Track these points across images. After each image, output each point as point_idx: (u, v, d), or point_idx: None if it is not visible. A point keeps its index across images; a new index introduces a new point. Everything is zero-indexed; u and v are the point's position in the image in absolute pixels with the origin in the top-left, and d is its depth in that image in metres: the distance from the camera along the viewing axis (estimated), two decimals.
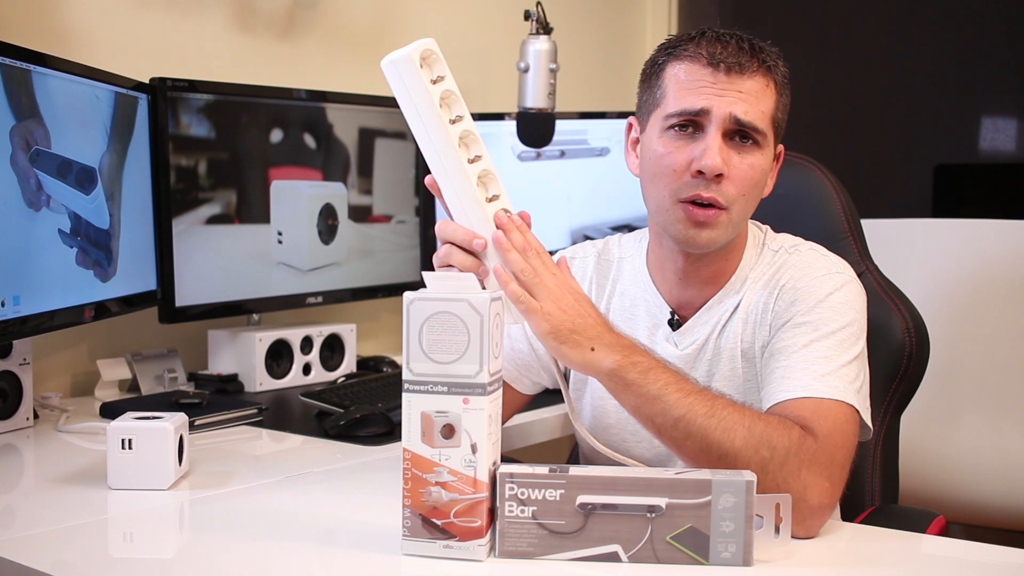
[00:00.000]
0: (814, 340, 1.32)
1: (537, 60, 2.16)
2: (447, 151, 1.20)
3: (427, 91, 1.19)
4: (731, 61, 1.33)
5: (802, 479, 1.19)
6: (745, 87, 1.33)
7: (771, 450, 1.19)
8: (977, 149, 3.20)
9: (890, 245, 2.23)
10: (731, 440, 1.19)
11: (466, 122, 1.21)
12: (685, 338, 1.45)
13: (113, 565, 1.17)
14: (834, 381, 1.29)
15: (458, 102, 1.21)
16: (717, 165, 1.31)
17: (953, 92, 3.20)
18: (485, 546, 1.08)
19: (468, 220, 1.23)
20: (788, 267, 1.41)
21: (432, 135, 1.20)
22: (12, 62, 1.56)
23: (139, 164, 1.93)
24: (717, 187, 1.33)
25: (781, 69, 1.39)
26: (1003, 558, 1.17)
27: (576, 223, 2.56)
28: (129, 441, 1.35)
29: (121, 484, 1.36)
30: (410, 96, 1.20)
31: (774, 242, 1.46)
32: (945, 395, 2.27)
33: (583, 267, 1.55)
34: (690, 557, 1.07)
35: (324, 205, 2.25)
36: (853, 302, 1.37)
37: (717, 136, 1.32)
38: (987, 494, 2.27)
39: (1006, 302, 2.26)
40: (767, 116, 1.35)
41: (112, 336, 2.08)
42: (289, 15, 2.40)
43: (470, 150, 1.22)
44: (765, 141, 1.35)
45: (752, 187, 1.35)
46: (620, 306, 1.51)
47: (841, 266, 1.41)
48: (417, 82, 1.19)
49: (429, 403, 1.08)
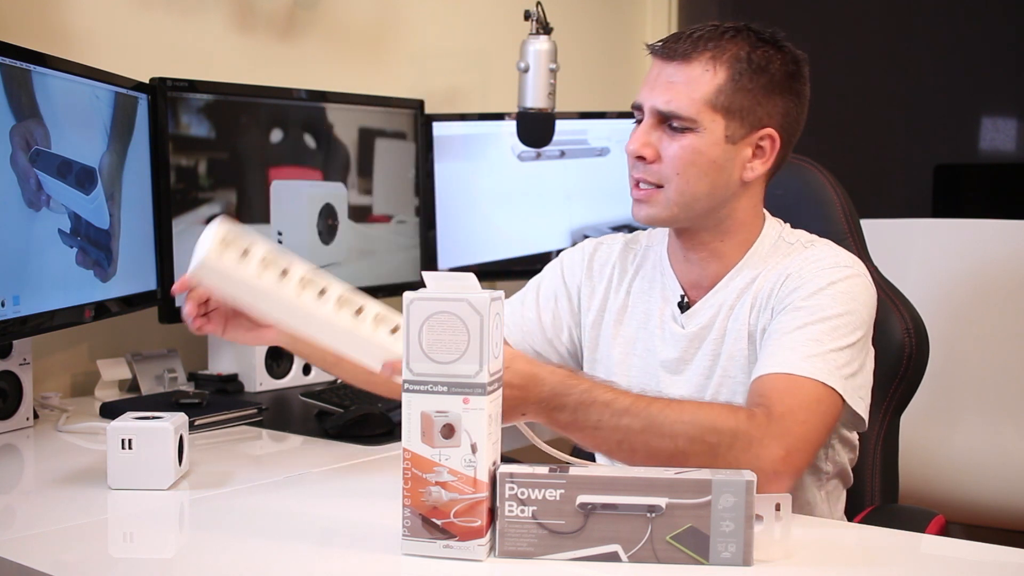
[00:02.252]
0: (808, 323, 1.35)
1: (537, 60, 2.16)
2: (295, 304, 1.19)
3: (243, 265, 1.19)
4: (672, 49, 1.42)
5: (753, 452, 1.23)
6: (678, 75, 1.41)
7: (718, 435, 1.24)
8: (977, 149, 3.20)
9: (890, 245, 2.23)
10: (674, 442, 1.24)
11: (295, 267, 1.21)
12: (691, 320, 1.49)
13: (113, 565, 1.17)
14: (818, 363, 1.32)
15: (277, 256, 1.21)
16: (633, 149, 1.44)
17: (953, 92, 3.20)
18: (485, 546, 1.08)
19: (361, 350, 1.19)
20: (799, 257, 1.44)
21: (277, 303, 1.20)
22: (12, 62, 1.56)
23: (139, 164, 1.93)
24: (647, 167, 1.43)
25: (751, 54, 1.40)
26: (1003, 558, 1.17)
27: (576, 223, 2.56)
28: (129, 441, 1.35)
29: (121, 484, 1.36)
30: (236, 284, 1.20)
31: (791, 235, 1.50)
32: (945, 395, 2.27)
33: (608, 251, 1.62)
34: (690, 557, 1.07)
35: (324, 205, 2.25)
36: (856, 294, 1.39)
37: (646, 124, 1.44)
38: (987, 494, 2.27)
39: (1006, 302, 2.26)
40: (699, 102, 1.40)
41: (112, 336, 2.08)
42: (289, 15, 2.40)
43: (316, 286, 1.21)
44: (698, 125, 1.40)
45: (686, 166, 1.41)
46: (640, 288, 1.57)
47: (851, 261, 1.43)
48: (232, 266, 1.19)
49: (429, 403, 1.08)
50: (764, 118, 1.42)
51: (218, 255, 1.19)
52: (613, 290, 1.58)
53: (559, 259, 1.65)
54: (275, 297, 1.20)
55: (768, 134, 1.44)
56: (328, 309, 1.19)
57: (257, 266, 1.19)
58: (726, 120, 1.41)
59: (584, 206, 2.55)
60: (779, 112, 1.43)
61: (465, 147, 2.53)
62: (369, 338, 1.18)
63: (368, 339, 1.18)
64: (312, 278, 1.21)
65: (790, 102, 1.44)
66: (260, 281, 1.19)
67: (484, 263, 2.53)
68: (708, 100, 1.40)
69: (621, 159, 1.51)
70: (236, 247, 1.19)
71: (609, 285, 1.58)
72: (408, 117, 2.44)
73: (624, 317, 1.56)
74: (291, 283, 1.19)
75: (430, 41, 2.71)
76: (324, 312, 1.19)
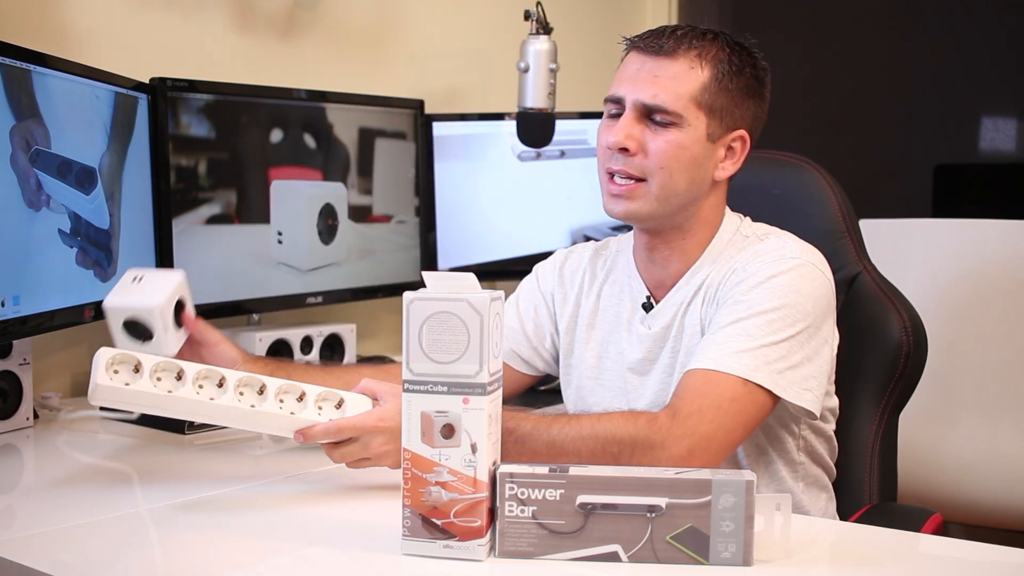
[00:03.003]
0: (743, 318, 1.37)
1: (537, 60, 2.16)
2: (200, 402, 1.28)
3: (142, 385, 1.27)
4: (655, 44, 1.43)
5: (653, 455, 1.28)
6: (662, 69, 1.42)
7: (618, 444, 1.28)
8: (977, 149, 3.20)
9: (890, 245, 2.23)
10: (578, 457, 1.28)
11: (188, 369, 1.29)
12: (656, 320, 1.51)
13: (113, 565, 1.17)
14: (746, 359, 1.33)
15: (169, 363, 1.29)
16: (618, 140, 1.42)
17: (953, 92, 3.20)
18: (485, 546, 1.09)
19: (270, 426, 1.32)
20: (749, 251, 1.46)
21: (179, 403, 1.28)
22: (12, 62, 1.56)
23: (139, 164, 1.93)
24: (628, 160, 1.43)
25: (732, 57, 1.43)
26: (1001, 557, 1.17)
27: (576, 223, 2.56)
28: (140, 277, 1.45)
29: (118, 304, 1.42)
30: (135, 398, 1.27)
31: (749, 228, 1.52)
32: (944, 395, 2.27)
33: (579, 259, 1.64)
34: (690, 557, 1.07)
35: (324, 205, 2.25)
36: (798, 286, 1.39)
37: (628, 116, 1.43)
38: (985, 493, 2.27)
39: (1006, 302, 2.26)
40: (685, 97, 1.41)
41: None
42: (289, 15, 2.40)
43: (213, 379, 1.30)
44: (683, 121, 1.41)
45: (671, 160, 1.42)
46: (610, 293, 1.58)
47: (798, 252, 1.43)
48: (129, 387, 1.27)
49: (429, 403, 1.09)
50: (739, 120, 1.46)
51: (109, 379, 1.26)
52: (584, 295, 1.60)
53: (534, 271, 1.68)
54: (175, 399, 1.28)
55: (740, 135, 1.47)
56: (228, 397, 1.29)
57: (149, 378, 1.27)
58: (708, 118, 1.43)
59: (584, 206, 2.55)
60: (750, 115, 1.47)
61: (465, 147, 2.53)
62: (275, 414, 1.29)
63: (274, 415, 1.30)
64: (207, 374, 1.30)
65: (759, 107, 1.48)
66: (156, 389, 1.27)
67: (484, 263, 2.54)
68: (694, 96, 1.42)
69: None
70: (126, 365, 1.28)
71: (580, 291, 1.60)
72: (408, 117, 2.44)
73: (595, 321, 1.58)
74: (187, 383, 1.28)
75: (430, 41, 2.71)
76: (224, 401, 1.28)
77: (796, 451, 1.50)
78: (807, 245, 1.46)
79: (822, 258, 1.45)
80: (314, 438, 1.30)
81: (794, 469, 1.51)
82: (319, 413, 1.31)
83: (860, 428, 1.66)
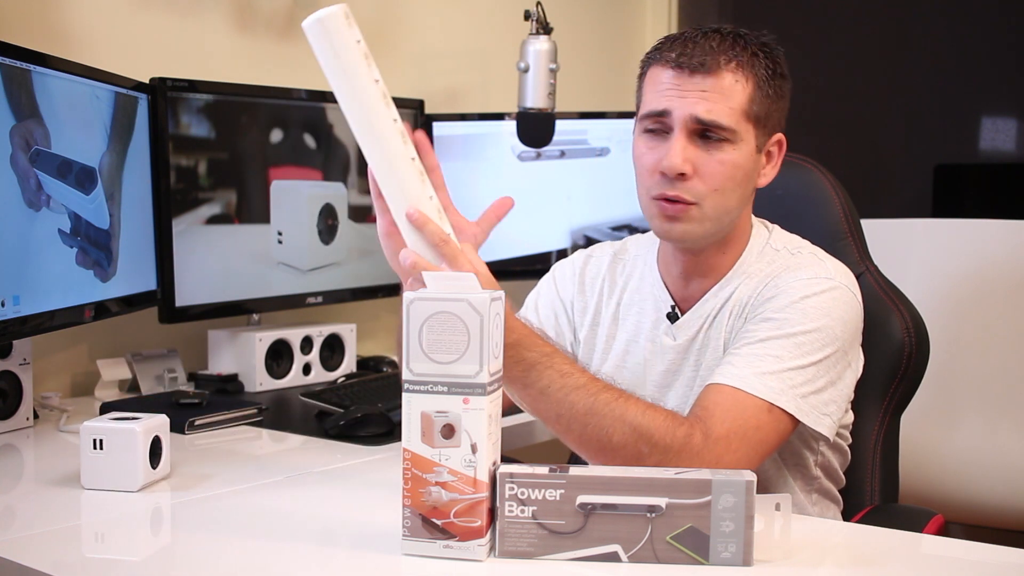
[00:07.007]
0: (772, 337, 1.33)
1: (537, 60, 2.16)
2: (376, 108, 1.20)
3: (356, 47, 1.19)
4: (695, 61, 1.36)
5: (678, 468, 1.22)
6: (709, 85, 1.35)
7: (650, 446, 1.24)
8: (977, 149, 3.20)
9: (890, 245, 2.23)
10: (608, 437, 1.24)
11: (383, 84, 1.22)
12: (681, 331, 1.48)
13: (114, 565, 1.17)
14: (772, 382, 1.30)
15: (374, 65, 1.21)
16: (676, 166, 1.35)
17: (953, 92, 3.20)
18: (485, 546, 1.08)
19: (398, 177, 1.21)
20: (780, 265, 1.42)
21: (362, 93, 1.20)
22: (12, 62, 1.56)
23: (139, 164, 1.93)
24: (683, 185, 1.36)
25: (764, 61, 1.39)
26: (1002, 558, 1.17)
27: (576, 223, 2.56)
28: (100, 441, 1.35)
29: (93, 484, 1.36)
30: (337, 55, 1.20)
31: (778, 241, 1.48)
32: (945, 395, 2.27)
33: (598, 265, 1.60)
34: (690, 557, 1.07)
35: (324, 205, 2.25)
36: (831, 310, 1.36)
37: (680, 137, 1.36)
38: (987, 494, 2.27)
39: (1006, 302, 2.26)
40: (737, 112, 1.36)
41: (112, 336, 2.08)
42: (289, 15, 2.40)
43: (391, 110, 1.21)
44: (736, 137, 1.36)
45: (725, 181, 1.37)
46: (631, 300, 1.54)
47: (833, 273, 1.40)
48: (347, 39, 1.19)
49: (429, 403, 1.08)
50: (776, 124, 1.43)
51: (336, 20, 1.19)
52: (604, 304, 1.57)
53: (551, 274, 1.64)
54: (360, 87, 1.20)
55: (779, 139, 1.44)
56: (394, 130, 1.20)
57: (362, 54, 1.20)
58: (756, 129, 1.39)
59: (584, 206, 2.55)
60: (783, 115, 1.44)
61: (465, 147, 2.53)
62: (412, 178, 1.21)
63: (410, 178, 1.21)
64: (391, 102, 1.21)
65: (787, 103, 1.45)
66: (358, 67, 1.20)
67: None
68: (744, 110, 1.37)
69: (621, 159, 1.50)
70: (355, 30, 1.20)
71: (600, 299, 1.57)
72: (408, 117, 2.44)
73: (615, 331, 1.55)
74: (379, 89, 1.20)
75: (430, 41, 2.71)
76: (388, 130, 1.20)
77: (813, 467, 1.49)
78: (840, 265, 1.43)
79: (854, 280, 1.42)
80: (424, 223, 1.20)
81: (808, 483, 1.50)
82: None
83: (862, 429, 1.65)
